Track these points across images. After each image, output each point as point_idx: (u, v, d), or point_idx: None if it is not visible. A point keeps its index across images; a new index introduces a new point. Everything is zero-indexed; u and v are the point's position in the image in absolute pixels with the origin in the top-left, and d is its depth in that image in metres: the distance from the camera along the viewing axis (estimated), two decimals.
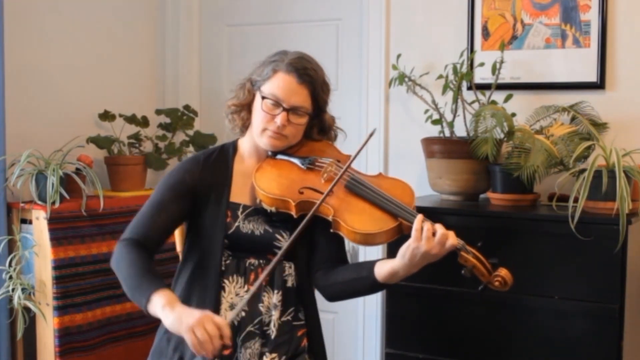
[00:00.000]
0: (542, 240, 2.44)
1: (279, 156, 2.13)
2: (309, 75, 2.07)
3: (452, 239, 1.94)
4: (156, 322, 2.16)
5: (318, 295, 2.19)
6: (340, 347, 3.33)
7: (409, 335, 2.65)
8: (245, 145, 2.18)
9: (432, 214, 2.59)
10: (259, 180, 2.07)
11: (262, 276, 1.96)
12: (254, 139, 2.13)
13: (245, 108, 2.14)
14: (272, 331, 2.06)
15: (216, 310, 2.03)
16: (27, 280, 2.90)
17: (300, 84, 2.06)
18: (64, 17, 3.24)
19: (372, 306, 3.23)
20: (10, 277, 2.86)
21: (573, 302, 2.39)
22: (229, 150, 2.19)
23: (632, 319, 2.43)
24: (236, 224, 2.09)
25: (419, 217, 1.96)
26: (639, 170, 2.39)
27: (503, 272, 1.99)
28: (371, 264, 2.03)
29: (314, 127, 2.18)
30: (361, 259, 3.15)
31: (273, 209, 2.06)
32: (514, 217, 2.52)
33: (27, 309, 2.85)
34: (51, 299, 2.84)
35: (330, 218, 2.00)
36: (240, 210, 2.10)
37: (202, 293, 2.07)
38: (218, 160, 2.16)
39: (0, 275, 2.89)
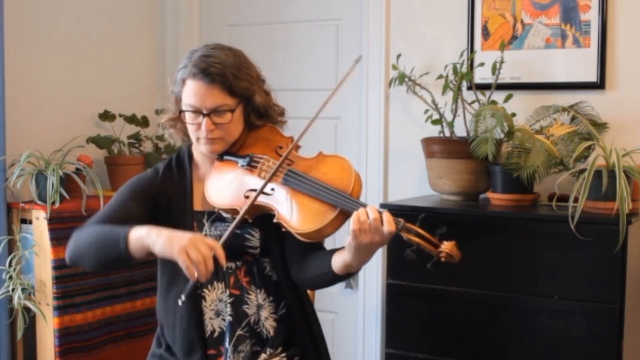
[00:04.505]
0: (542, 240, 2.44)
1: (225, 157, 2.08)
2: (215, 72, 1.96)
3: (389, 225, 1.84)
4: (155, 323, 2.17)
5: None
6: (340, 347, 3.33)
7: (409, 335, 2.65)
8: (196, 151, 2.14)
9: (432, 214, 2.61)
10: (209, 191, 2.04)
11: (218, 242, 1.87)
12: None
13: (179, 120, 2.10)
14: (263, 329, 2.04)
15: (199, 322, 1.99)
16: (27, 280, 2.89)
17: (209, 84, 1.97)
18: (64, 17, 3.24)
19: (372, 306, 3.23)
20: (10, 277, 2.86)
21: (573, 302, 2.39)
22: (185, 158, 2.15)
23: (632, 319, 2.43)
24: (203, 232, 2.05)
25: (355, 215, 1.86)
26: (639, 170, 2.39)
27: (448, 247, 1.85)
28: (330, 257, 1.98)
29: (251, 114, 2.09)
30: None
31: (230, 217, 2.03)
32: (514, 217, 2.52)
33: (27, 309, 2.85)
34: (51, 299, 2.84)
35: (275, 220, 1.95)
36: (206, 217, 2.07)
37: (181, 308, 2.01)
38: (176, 170, 2.13)
39: (0, 275, 2.89)
